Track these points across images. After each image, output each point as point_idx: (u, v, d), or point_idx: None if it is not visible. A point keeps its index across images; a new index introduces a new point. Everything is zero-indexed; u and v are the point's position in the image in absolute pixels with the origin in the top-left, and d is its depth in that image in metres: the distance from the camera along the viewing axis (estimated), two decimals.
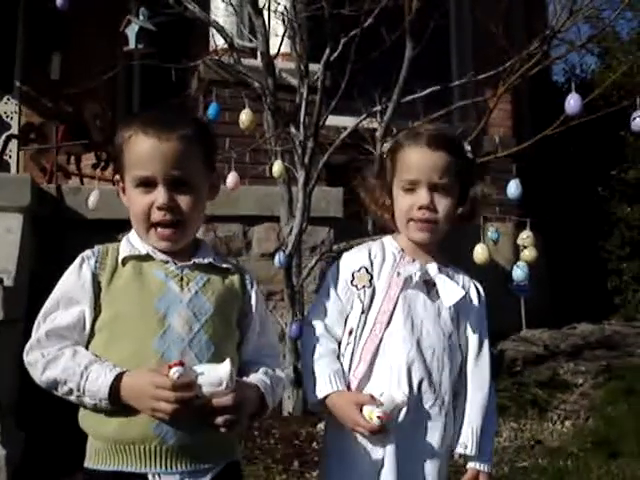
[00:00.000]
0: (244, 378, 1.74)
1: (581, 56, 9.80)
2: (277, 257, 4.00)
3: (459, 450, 1.93)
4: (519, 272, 3.25)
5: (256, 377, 1.77)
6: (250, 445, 3.95)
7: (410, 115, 4.19)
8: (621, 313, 8.42)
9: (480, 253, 3.07)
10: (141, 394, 1.60)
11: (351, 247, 2.13)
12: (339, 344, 1.95)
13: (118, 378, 1.62)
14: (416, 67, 4.24)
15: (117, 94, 7.83)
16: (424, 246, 1.98)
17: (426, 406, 1.87)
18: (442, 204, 1.92)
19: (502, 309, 6.26)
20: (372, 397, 1.82)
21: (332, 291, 1.97)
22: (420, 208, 1.91)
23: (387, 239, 2.04)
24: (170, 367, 1.56)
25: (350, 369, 1.90)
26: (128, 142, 1.75)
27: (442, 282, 1.93)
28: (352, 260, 2.00)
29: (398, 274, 1.93)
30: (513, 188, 3.21)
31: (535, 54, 3.96)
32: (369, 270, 1.96)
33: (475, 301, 2.02)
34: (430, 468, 1.88)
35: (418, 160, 1.92)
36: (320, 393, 1.88)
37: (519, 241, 3.21)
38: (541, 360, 5.93)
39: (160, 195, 1.72)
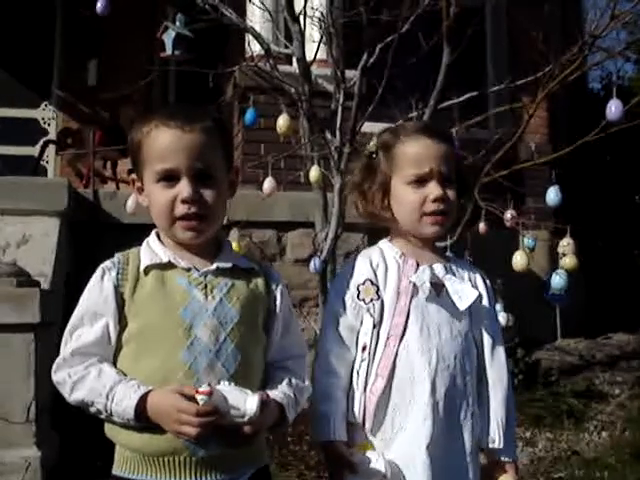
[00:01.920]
0: (267, 391, 1.69)
1: (622, 63, 9.69)
2: (312, 263, 4.00)
3: (489, 445, 1.88)
4: (558, 279, 3.20)
5: (279, 390, 1.73)
6: (284, 451, 3.94)
7: (446, 121, 4.16)
8: None
9: (519, 261, 3.04)
10: (165, 416, 1.58)
11: None
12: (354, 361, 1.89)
13: (143, 398, 1.60)
14: (452, 73, 4.21)
15: (153, 100, 7.89)
16: (425, 245, 1.94)
17: (454, 412, 1.83)
18: (452, 195, 1.90)
19: (537, 318, 6.22)
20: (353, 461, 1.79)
21: (339, 310, 1.89)
22: (435, 200, 1.87)
23: (384, 244, 1.98)
24: (197, 392, 1.54)
25: (366, 386, 1.84)
26: (148, 136, 1.72)
27: (451, 284, 1.87)
28: (355, 273, 1.91)
29: (409, 282, 1.87)
30: (553, 195, 3.18)
31: (574, 60, 3.91)
32: (374, 282, 1.89)
33: (483, 293, 1.97)
34: (465, 471, 1.84)
35: (427, 152, 1.89)
36: (321, 437, 1.85)
37: (559, 249, 3.17)
38: (577, 370, 5.86)
39: (185, 188, 1.68)
